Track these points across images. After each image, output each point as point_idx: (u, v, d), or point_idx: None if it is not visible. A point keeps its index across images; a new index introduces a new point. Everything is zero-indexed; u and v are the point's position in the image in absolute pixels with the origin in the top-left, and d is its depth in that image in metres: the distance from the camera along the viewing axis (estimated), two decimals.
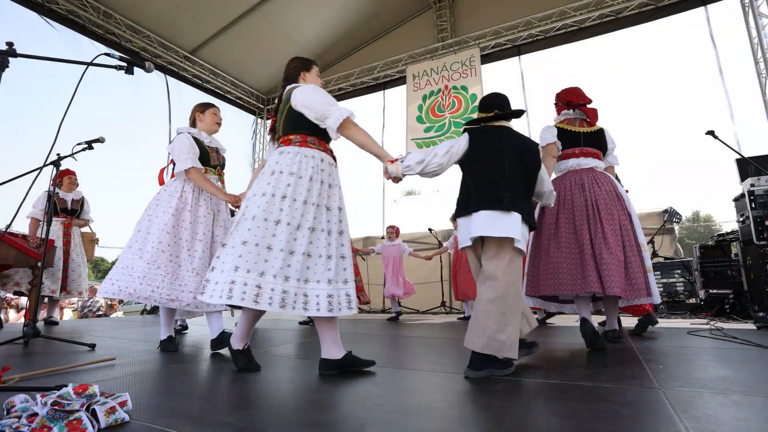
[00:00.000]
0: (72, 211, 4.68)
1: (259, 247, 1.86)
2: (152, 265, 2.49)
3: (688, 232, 31.62)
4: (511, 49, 7.59)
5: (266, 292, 1.81)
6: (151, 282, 2.46)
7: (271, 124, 2.30)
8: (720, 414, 1.28)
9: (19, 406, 1.25)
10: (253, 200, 1.97)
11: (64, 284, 4.48)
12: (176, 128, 2.89)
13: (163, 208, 2.66)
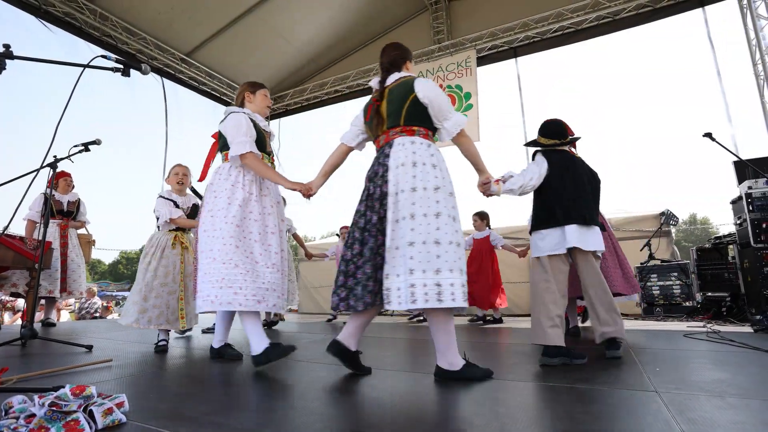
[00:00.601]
0: (68, 212, 4.66)
1: (427, 244, 1.79)
2: (228, 264, 2.15)
3: (685, 235, 31.72)
4: (507, 51, 7.61)
5: (446, 288, 1.76)
6: (232, 283, 2.12)
7: (372, 110, 2.09)
8: (716, 417, 1.29)
9: (17, 407, 1.25)
10: (403, 197, 1.87)
11: (64, 285, 4.46)
12: (226, 109, 2.54)
13: (224, 199, 2.30)
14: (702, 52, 6.56)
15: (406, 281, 1.78)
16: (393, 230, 1.86)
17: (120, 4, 6.74)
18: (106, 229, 23.18)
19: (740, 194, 4.03)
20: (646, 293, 4.98)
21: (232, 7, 7.40)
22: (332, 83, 9.16)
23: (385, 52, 2.22)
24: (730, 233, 4.70)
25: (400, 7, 8.37)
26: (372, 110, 2.09)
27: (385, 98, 2.06)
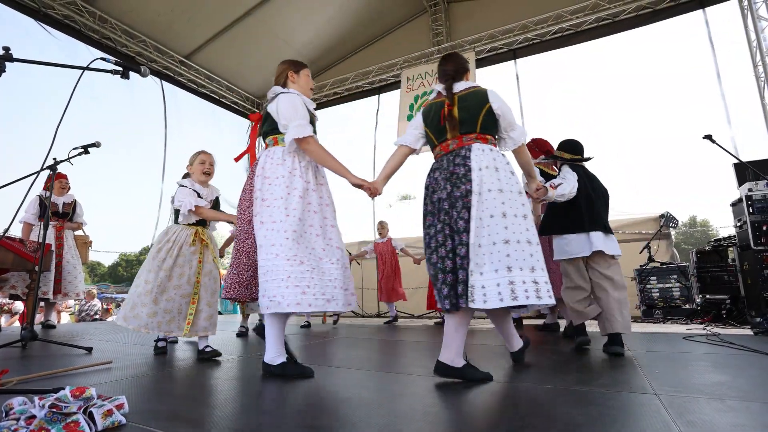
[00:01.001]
0: (64, 214, 4.64)
1: (521, 243, 1.87)
2: (293, 261, 1.99)
3: (684, 237, 31.72)
4: (506, 53, 7.62)
5: (543, 286, 1.83)
6: (299, 282, 1.96)
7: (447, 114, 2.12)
8: (716, 420, 1.29)
9: (17, 409, 1.25)
10: (489, 196, 1.92)
11: (58, 287, 4.43)
12: (272, 90, 2.31)
13: (281, 188, 2.09)
14: (702, 54, 6.55)
15: (505, 278, 1.81)
16: (477, 227, 1.88)
17: (119, 6, 6.76)
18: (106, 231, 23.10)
19: (740, 196, 4.03)
20: (646, 296, 4.98)
21: (231, 10, 7.42)
22: (331, 85, 9.18)
23: (450, 60, 2.27)
24: (730, 235, 4.70)
25: (399, 9, 8.39)
26: (444, 114, 2.13)
27: (456, 104, 2.12)
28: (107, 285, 33.19)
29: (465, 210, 1.93)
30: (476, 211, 1.90)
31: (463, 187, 1.97)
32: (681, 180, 62.29)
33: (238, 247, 2.25)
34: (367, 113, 9.01)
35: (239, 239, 2.25)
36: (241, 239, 2.25)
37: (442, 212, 2.00)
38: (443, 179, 2.05)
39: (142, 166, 30.11)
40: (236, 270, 2.21)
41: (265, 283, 2.00)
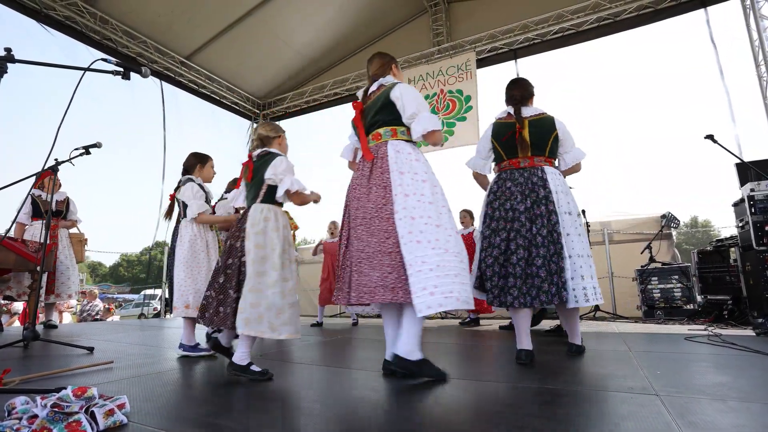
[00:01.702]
0: (57, 212, 4.58)
1: (583, 258, 2.37)
2: (460, 256, 1.93)
3: (686, 238, 31.66)
4: (507, 53, 7.61)
5: (598, 290, 2.37)
6: (464, 279, 1.92)
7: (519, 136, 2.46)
8: (718, 420, 1.28)
9: (19, 408, 1.26)
10: (566, 218, 2.37)
11: (52, 287, 4.38)
12: (385, 80, 2.20)
13: (429, 185, 2.00)
14: (704, 53, 6.53)
15: (589, 284, 2.32)
16: (565, 243, 2.31)
17: (120, 7, 6.77)
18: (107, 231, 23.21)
19: (742, 196, 4.02)
20: (647, 296, 4.97)
21: (231, 10, 7.42)
22: (331, 86, 9.18)
23: (516, 86, 2.61)
24: (731, 236, 4.69)
25: (400, 9, 8.39)
26: (515, 136, 2.46)
27: (526, 127, 2.45)
28: (108, 285, 33.26)
29: (544, 228, 2.31)
30: (562, 229, 2.32)
31: (543, 207, 2.34)
32: (682, 180, 62.20)
33: (362, 248, 1.99)
34: None
35: (357, 240, 2.02)
36: (356, 239, 2.03)
37: (517, 222, 2.35)
38: (519, 192, 2.39)
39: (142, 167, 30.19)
40: (369, 270, 1.95)
41: (440, 278, 1.85)
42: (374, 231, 1.96)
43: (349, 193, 2.15)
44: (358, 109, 2.21)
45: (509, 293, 2.27)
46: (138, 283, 37.20)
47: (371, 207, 2.00)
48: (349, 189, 2.16)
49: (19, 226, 4.35)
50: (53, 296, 4.40)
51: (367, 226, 1.99)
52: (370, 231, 1.97)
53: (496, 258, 2.34)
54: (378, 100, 2.13)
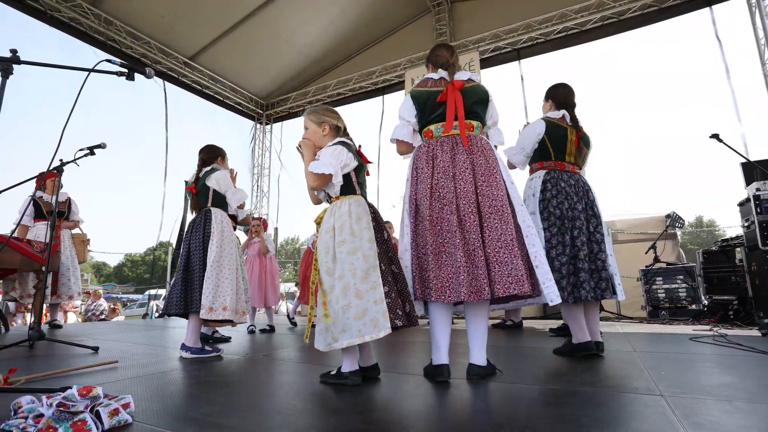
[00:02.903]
0: (59, 213, 4.62)
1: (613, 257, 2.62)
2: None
3: (690, 238, 31.48)
4: (510, 52, 7.59)
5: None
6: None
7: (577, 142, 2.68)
8: (724, 421, 1.28)
9: (25, 407, 1.27)
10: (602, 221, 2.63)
11: (54, 288, 4.40)
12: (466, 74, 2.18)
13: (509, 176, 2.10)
14: (710, 52, 6.48)
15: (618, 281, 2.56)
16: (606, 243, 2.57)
17: (124, 8, 6.81)
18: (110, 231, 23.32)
19: (748, 196, 4.00)
20: (652, 296, 4.95)
21: (234, 11, 7.45)
22: (335, 86, 9.18)
23: (573, 92, 2.77)
24: (737, 236, 4.66)
25: (402, 9, 8.39)
26: (566, 140, 2.66)
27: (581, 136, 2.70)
28: (113, 285, 33.41)
29: (597, 228, 2.57)
30: (604, 230, 2.59)
31: (591, 210, 2.61)
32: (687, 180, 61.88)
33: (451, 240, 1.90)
34: (371, 114, 8.98)
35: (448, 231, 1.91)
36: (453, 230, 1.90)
37: (578, 221, 2.53)
38: (574, 193, 2.58)
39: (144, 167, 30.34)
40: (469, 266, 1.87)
41: (550, 272, 1.97)
42: (506, 219, 1.92)
43: (442, 177, 1.97)
44: (459, 88, 2.07)
45: (582, 288, 2.44)
46: (142, 283, 37.36)
47: (499, 195, 1.95)
48: (437, 172, 1.99)
49: (22, 228, 4.36)
50: (54, 296, 4.42)
51: (500, 214, 1.91)
52: (502, 219, 1.91)
53: (569, 256, 2.50)
54: (475, 94, 2.12)
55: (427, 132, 2.12)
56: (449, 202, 1.93)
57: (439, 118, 2.08)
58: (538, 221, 2.57)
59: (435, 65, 2.22)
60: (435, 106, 2.09)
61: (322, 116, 2.13)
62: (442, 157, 2.01)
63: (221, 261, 2.75)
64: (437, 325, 1.93)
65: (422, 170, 2.04)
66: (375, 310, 1.75)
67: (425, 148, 2.09)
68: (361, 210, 1.95)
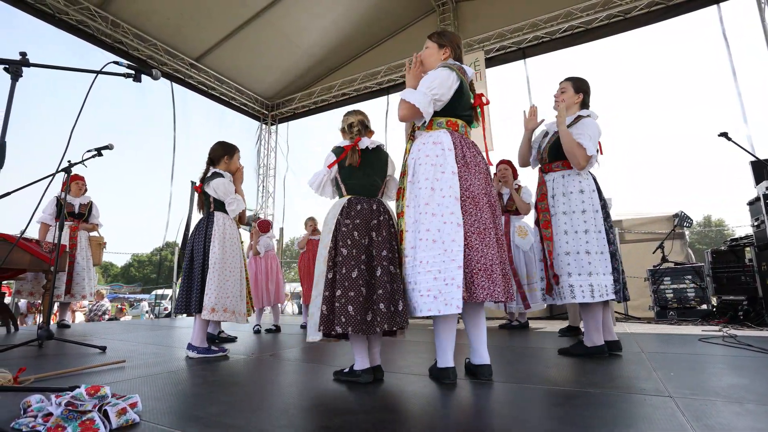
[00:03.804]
0: (79, 215, 4.73)
1: None
2: None
3: (699, 237, 31.19)
4: (516, 51, 7.57)
5: None
6: None
7: None
8: (735, 423, 1.26)
9: (35, 406, 1.28)
10: None
11: (69, 287, 4.51)
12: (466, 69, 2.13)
13: None
14: (717, 51, 6.41)
15: None
16: None
17: (130, 10, 6.87)
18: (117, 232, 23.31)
19: (758, 195, 3.96)
20: (659, 296, 4.91)
21: (239, 12, 7.49)
22: (339, 86, 9.20)
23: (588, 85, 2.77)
24: (746, 235, 4.61)
25: (407, 9, 8.39)
26: None
27: None
28: (120, 285, 33.67)
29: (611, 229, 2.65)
30: None
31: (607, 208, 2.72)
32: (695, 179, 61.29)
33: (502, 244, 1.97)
34: (376, 114, 8.98)
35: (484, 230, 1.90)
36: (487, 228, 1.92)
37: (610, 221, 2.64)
38: (602, 195, 2.64)
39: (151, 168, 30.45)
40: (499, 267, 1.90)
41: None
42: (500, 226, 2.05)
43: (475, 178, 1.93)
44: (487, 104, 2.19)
45: (625, 288, 2.57)
46: (149, 283, 37.61)
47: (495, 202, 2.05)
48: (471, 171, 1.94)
49: (43, 227, 4.51)
50: (68, 296, 4.49)
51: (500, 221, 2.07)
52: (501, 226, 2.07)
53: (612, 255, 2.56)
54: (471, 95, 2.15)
55: (454, 124, 2.02)
56: (485, 203, 1.95)
57: (466, 118, 2.09)
58: (600, 220, 2.52)
59: (454, 54, 2.14)
60: (470, 106, 2.09)
61: (341, 124, 2.21)
62: (473, 158, 2.00)
63: (224, 263, 2.77)
64: (443, 327, 1.91)
65: (471, 164, 1.97)
66: (317, 316, 1.89)
67: (463, 141, 2.00)
68: (331, 214, 2.04)
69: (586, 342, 2.50)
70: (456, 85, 1.99)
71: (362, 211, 1.99)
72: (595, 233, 2.49)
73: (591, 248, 2.46)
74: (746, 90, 5.95)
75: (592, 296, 2.40)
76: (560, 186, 2.63)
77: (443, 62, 2.08)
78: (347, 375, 1.93)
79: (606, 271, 2.45)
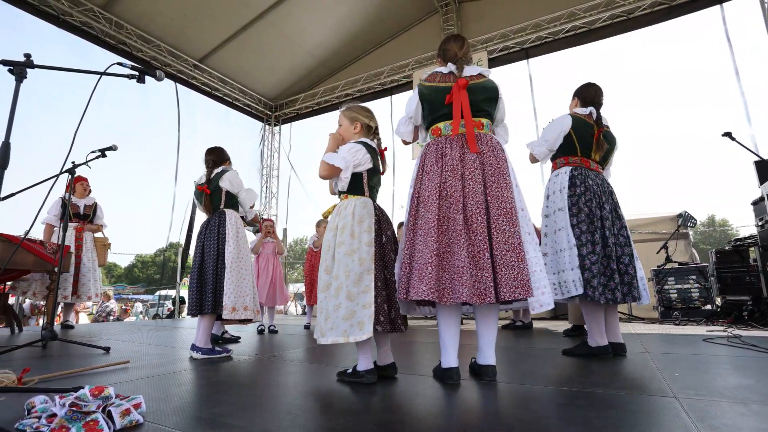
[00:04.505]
0: (84, 216, 4.75)
1: None
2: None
3: (703, 237, 31.06)
4: (519, 52, 7.56)
5: None
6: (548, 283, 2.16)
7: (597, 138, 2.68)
8: (740, 424, 1.25)
9: (39, 407, 1.28)
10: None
11: (75, 288, 4.54)
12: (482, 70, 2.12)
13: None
14: (720, 51, 6.39)
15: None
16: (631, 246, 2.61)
17: (134, 12, 6.90)
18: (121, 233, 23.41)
19: (762, 195, 3.94)
20: (664, 297, 4.89)
21: (242, 13, 7.51)
22: (343, 87, 9.21)
23: (601, 91, 2.78)
24: (751, 235, 4.59)
25: (411, 9, 8.39)
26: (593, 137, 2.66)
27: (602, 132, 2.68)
28: (124, 286, 33.79)
29: (621, 232, 2.58)
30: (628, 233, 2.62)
31: (616, 212, 2.63)
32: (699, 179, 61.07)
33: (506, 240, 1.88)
34: (380, 115, 8.98)
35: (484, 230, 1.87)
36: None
37: (608, 221, 2.52)
38: (602, 192, 2.58)
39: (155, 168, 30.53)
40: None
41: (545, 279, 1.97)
42: (514, 221, 1.87)
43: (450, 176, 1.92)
44: (464, 86, 1.99)
45: (617, 290, 2.44)
46: (153, 283, 37.72)
47: (509, 196, 1.91)
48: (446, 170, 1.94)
49: (48, 227, 4.53)
50: (74, 296, 4.52)
51: (508, 216, 1.86)
52: (510, 221, 1.86)
53: (599, 254, 2.47)
54: (485, 90, 2.04)
55: (436, 130, 2.06)
56: (456, 201, 1.87)
57: (447, 117, 2.03)
58: (565, 217, 2.52)
59: (444, 59, 2.15)
60: (442, 104, 2.03)
61: (356, 114, 2.17)
62: (451, 155, 1.95)
63: (239, 261, 2.78)
64: (444, 327, 1.91)
65: (430, 168, 1.97)
66: (362, 314, 1.82)
67: (434, 146, 2.02)
68: (365, 212, 1.97)
69: (590, 342, 2.49)
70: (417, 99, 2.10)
71: (384, 215, 2.09)
72: (565, 230, 2.50)
73: (558, 247, 2.52)
74: (750, 90, 5.94)
75: (555, 294, 2.42)
76: (548, 189, 2.73)
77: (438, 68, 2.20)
78: (351, 375, 1.93)
79: (573, 266, 2.42)
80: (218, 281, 2.72)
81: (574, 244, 2.45)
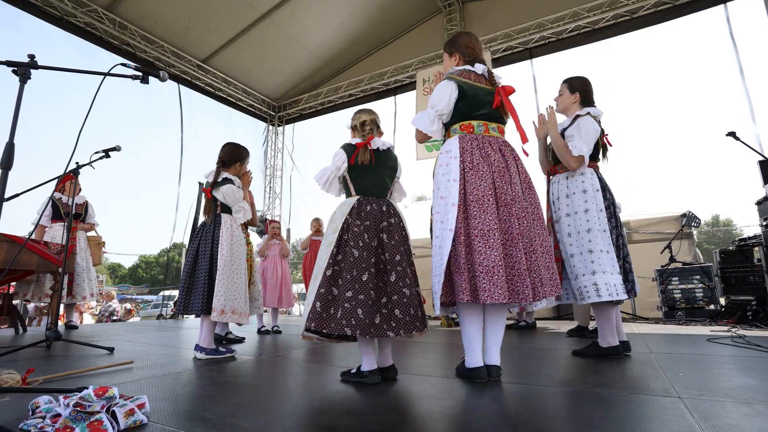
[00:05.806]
0: (76, 215, 4.70)
1: None
2: None
3: (707, 237, 30.92)
4: (522, 52, 7.55)
5: None
6: None
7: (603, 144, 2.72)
8: (744, 424, 1.25)
9: (43, 407, 1.29)
10: None
11: (70, 288, 4.50)
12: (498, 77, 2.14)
13: None
14: (724, 51, 6.37)
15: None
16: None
17: (138, 12, 6.92)
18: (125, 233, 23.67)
19: (766, 194, 3.92)
20: (667, 297, 4.87)
21: (246, 14, 7.53)
22: (346, 87, 9.21)
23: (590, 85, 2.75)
24: (755, 235, 4.56)
25: (414, 9, 8.39)
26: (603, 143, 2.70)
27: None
28: (127, 286, 33.92)
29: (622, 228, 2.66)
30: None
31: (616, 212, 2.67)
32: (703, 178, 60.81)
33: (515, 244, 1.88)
34: (384, 115, 8.99)
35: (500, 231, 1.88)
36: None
37: (618, 221, 2.61)
38: (609, 194, 2.61)
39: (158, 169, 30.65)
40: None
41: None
42: (545, 226, 2.04)
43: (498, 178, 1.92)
44: (509, 94, 2.06)
45: (635, 286, 2.57)
46: (156, 284, 37.85)
47: (538, 202, 2.05)
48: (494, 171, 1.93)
49: (39, 228, 4.45)
50: (69, 297, 4.50)
51: (541, 222, 2.01)
52: (543, 226, 2.02)
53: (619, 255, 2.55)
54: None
55: (468, 126, 2.02)
56: (508, 204, 1.89)
57: (484, 117, 2.03)
58: (603, 219, 2.48)
59: (464, 56, 2.15)
60: (484, 104, 2.03)
61: (349, 122, 2.25)
62: (494, 156, 1.95)
63: (232, 265, 2.78)
64: (470, 325, 1.91)
65: (478, 164, 1.92)
66: (307, 311, 1.91)
67: (474, 142, 1.98)
68: (338, 212, 2.05)
69: (601, 343, 2.48)
70: (455, 94, 2.01)
71: (372, 212, 2.01)
72: (599, 232, 2.44)
73: (594, 247, 2.43)
74: (754, 89, 5.91)
75: (599, 295, 2.35)
76: (564, 188, 2.62)
77: (447, 73, 2.14)
78: (354, 376, 1.93)
79: (613, 270, 2.40)
80: (210, 283, 2.73)
81: (612, 247, 2.46)
